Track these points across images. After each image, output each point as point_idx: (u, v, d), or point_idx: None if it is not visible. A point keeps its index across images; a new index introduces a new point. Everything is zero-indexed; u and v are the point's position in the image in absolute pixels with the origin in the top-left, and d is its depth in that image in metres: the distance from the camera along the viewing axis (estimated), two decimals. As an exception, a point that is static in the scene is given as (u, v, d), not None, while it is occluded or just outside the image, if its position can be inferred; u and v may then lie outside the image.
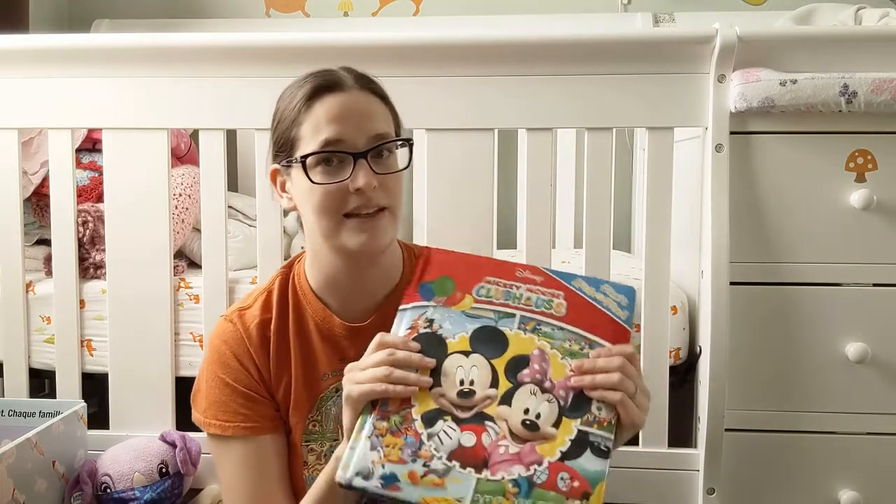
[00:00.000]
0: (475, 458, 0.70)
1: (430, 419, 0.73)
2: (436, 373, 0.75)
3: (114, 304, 1.39)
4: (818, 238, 1.30)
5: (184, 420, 1.39)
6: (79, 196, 1.50)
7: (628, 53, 1.31)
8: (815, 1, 1.81)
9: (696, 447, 1.34)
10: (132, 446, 1.32)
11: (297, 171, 0.91)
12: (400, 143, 0.93)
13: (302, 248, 1.78)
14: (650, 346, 1.32)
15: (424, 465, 0.70)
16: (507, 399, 0.73)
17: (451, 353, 0.76)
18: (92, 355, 1.43)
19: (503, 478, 0.69)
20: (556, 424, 0.72)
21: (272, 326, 0.97)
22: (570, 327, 0.77)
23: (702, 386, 1.32)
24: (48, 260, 1.48)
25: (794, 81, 1.24)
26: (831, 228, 1.30)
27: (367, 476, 0.70)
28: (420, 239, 1.37)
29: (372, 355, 0.78)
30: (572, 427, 0.72)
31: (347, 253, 0.91)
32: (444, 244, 1.19)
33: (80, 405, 1.36)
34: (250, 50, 1.34)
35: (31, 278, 1.47)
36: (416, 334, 0.78)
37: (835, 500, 1.33)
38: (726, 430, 1.30)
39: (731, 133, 1.29)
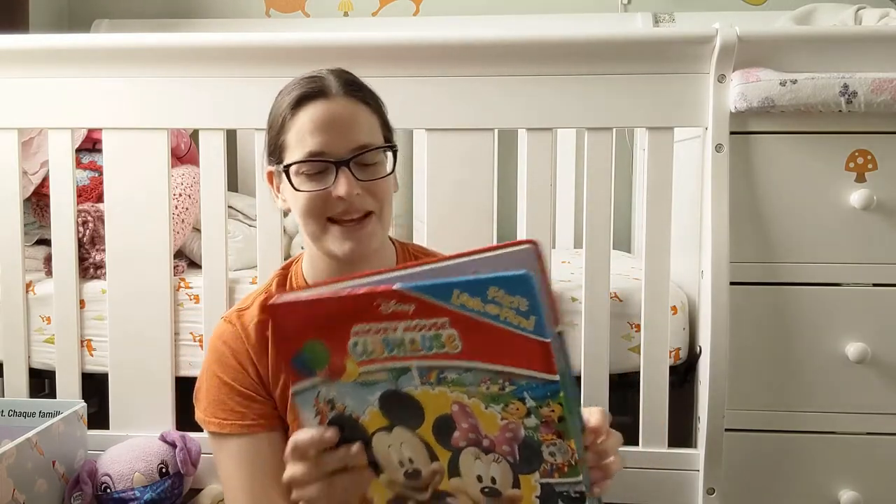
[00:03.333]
0: None
1: None
2: (369, 459, 0.67)
3: (114, 304, 1.39)
4: (818, 238, 1.30)
5: (184, 420, 1.39)
6: (79, 196, 1.50)
7: (628, 53, 1.31)
8: (815, 1, 1.81)
9: (696, 447, 1.34)
10: (132, 446, 1.32)
11: (285, 177, 0.93)
12: (385, 149, 0.94)
13: (302, 248, 1.79)
14: (650, 346, 1.32)
15: None
16: (453, 469, 0.65)
17: (374, 433, 0.66)
18: (92, 355, 1.43)
19: None
20: (516, 484, 0.63)
21: (270, 327, 0.98)
22: (477, 364, 0.61)
23: (702, 386, 1.32)
24: (48, 260, 1.48)
25: (794, 81, 1.24)
26: (831, 228, 1.30)
27: None
28: (420, 239, 1.37)
29: (301, 470, 0.69)
30: (533, 483, 0.63)
31: (335, 258, 0.94)
32: (444, 244, 1.19)
33: (80, 405, 1.36)
34: (250, 50, 1.34)
35: (31, 278, 1.46)
36: (326, 420, 0.67)
37: (835, 500, 1.33)
38: (726, 430, 1.30)
39: (731, 133, 1.29)
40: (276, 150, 0.95)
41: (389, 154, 0.96)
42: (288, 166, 0.92)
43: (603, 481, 0.70)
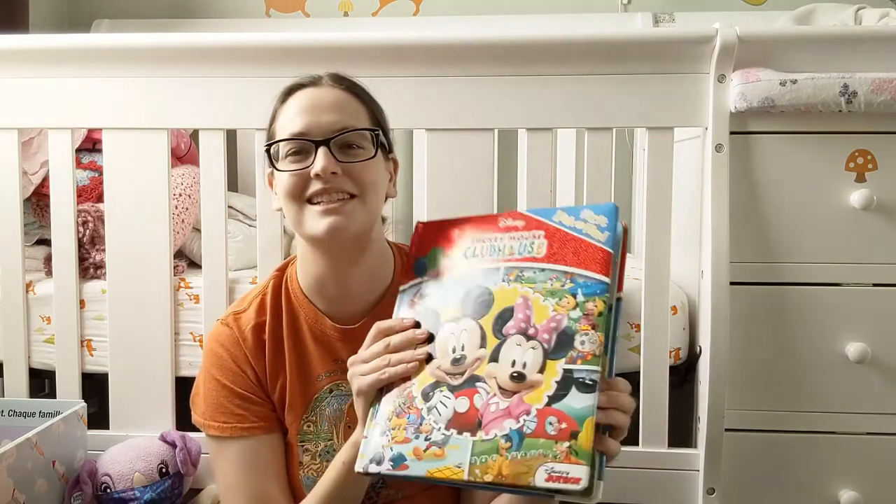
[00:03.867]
0: (469, 422, 0.71)
1: (426, 393, 0.75)
2: (432, 347, 0.77)
3: (114, 304, 1.39)
4: (818, 238, 1.30)
5: (184, 420, 1.39)
6: (79, 196, 1.50)
7: (628, 53, 1.31)
8: (815, 1, 1.81)
9: (696, 447, 1.34)
10: (132, 446, 1.32)
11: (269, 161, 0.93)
12: (370, 135, 0.91)
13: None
14: (650, 346, 1.32)
15: (426, 439, 0.72)
16: (495, 356, 0.73)
17: (445, 323, 0.77)
18: (92, 355, 1.43)
19: (496, 435, 0.69)
20: (542, 370, 0.71)
21: (267, 329, 0.98)
22: (551, 266, 0.75)
23: (702, 386, 1.32)
24: (48, 260, 1.48)
25: (794, 81, 1.24)
26: (831, 228, 1.30)
27: (379, 461, 0.73)
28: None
29: (371, 347, 0.80)
30: (557, 368, 0.70)
31: (318, 243, 0.91)
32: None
33: (80, 405, 1.36)
34: (250, 50, 1.34)
35: (31, 278, 1.46)
36: (413, 313, 0.80)
37: (835, 500, 1.33)
38: (726, 430, 1.30)
39: (731, 133, 1.29)
40: (269, 144, 0.95)
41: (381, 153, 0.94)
42: (269, 146, 0.92)
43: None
